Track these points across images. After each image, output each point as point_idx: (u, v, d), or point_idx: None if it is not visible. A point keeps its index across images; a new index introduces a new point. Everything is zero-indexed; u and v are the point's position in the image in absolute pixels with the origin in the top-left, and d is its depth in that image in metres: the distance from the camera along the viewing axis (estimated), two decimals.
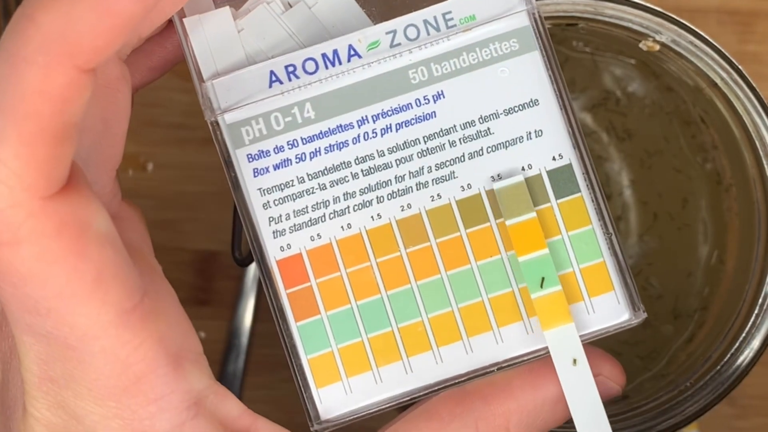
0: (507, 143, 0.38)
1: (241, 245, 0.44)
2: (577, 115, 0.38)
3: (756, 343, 0.43)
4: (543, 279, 0.37)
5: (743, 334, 0.43)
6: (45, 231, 0.31)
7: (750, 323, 0.43)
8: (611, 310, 0.38)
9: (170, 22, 0.38)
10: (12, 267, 0.31)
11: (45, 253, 0.31)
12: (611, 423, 0.42)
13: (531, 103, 0.38)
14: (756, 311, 0.43)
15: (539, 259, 0.37)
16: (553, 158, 0.38)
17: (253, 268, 0.55)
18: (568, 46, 0.48)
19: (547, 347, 0.38)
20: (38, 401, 0.34)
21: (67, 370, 0.34)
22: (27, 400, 0.34)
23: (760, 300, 0.43)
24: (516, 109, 0.38)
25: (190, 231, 0.55)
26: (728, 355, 0.43)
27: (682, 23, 0.42)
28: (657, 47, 0.43)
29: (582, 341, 0.38)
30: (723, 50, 0.42)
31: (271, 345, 0.55)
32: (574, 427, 0.38)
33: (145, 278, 0.34)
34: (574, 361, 0.37)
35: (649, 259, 0.48)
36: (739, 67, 0.42)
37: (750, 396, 0.48)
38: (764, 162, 0.43)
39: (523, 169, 0.38)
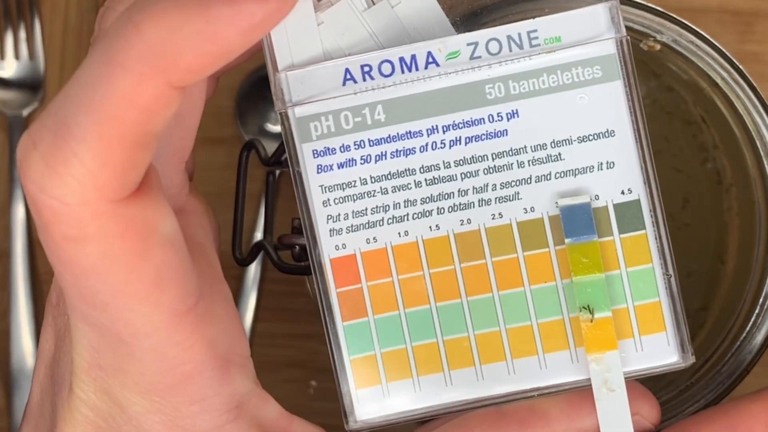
0: (576, 171, 0.37)
1: (242, 245, 0.44)
2: (651, 151, 0.38)
3: (756, 343, 0.43)
4: (593, 304, 0.37)
5: (744, 334, 0.43)
6: (111, 232, 0.32)
7: (750, 323, 0.43)
8: (660, 350, 0.38)
9: None
10: (75, 260, 0.32)
11: (108, 252, 0.32)
12: None
13: (607, 134, 0.37)
14: (756, 311, 0.43)
15: (594, 282, 0.37)
16: (622, 192, 0.37)
17: (253, 268, 0.55)
18: None
19: (589, 379, 0.38)
20: (86, 385, 0.35)
21: (116, 361, 0.34)
22: (74, 382, 0.35)
23: (761, 300, 0.43)
24: (590, 137, 0.37)
25: None
26: (728, 355, 0.43)
27: (683, 23, 0.42)
28: (658, 47, 0.43)
29: (626, 377, 0.38)
30: (724, 50, 0.42)
31: (271, 345, 0.55)
32: None
33: (203, 280, 0.35)
34: (613, 389, 0.37)
35: None
36: (740, 66, 0.42)
37: None
38: (765, 162, 0.43)
39: (590, 199, 0.37)
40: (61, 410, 0.35)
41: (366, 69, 0.37)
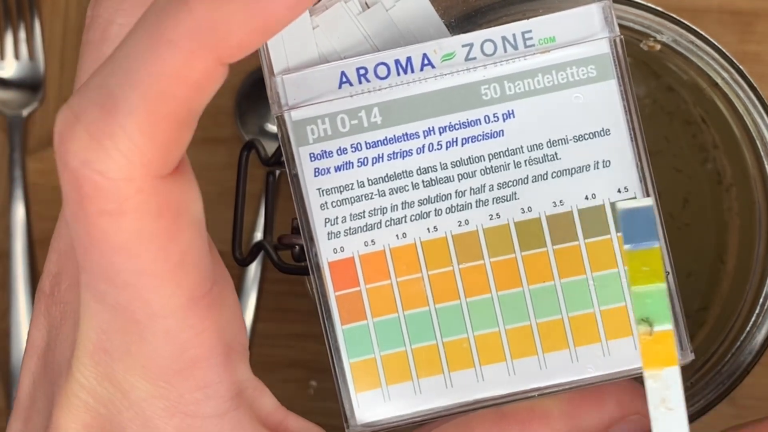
0: (573, 170, 0.37)
1: (242, 245, 0.44)
2: (647, 149, 0.38)
3: (757, 343, 0.43)
4: (652, 316, 0.35)
5: (744, 334, 0.43)
6: (148, 209, 0.31)
7: (751, 323, 0.43)
8: None
9: None
10: (107, 236, 0.32)
11: (142, 229, 0.32)
12: None
13: (602, 133, 0.37)
14: (757, 311, 0.43)
15: (654, 293, 0.35)
16: (618, 190, 0.37)
17: (253, 268, 0.55)
18: None
19: (587, 378, 0.38)
20: (88, 369, 0.35)
21: (124, 343, 0.34)
22: (75, 366, 0.35)
23: (761, 300, 0.43)
24: (586, 136, 0.37)
25: None
26: (729, 355, 0.43)
27: (683, 23, 0.42)
28: (658, 47, 0.43)
29: (628, 376, 0.38)
30: (724, 50, 0.42)
31: (271, 345, 0.55)
32: None
33: (215, 268, 0.35)
34: (671, 407, 0.35)
35: None
36: (740, 66, 0.42)
37: (750, 396, 0.48)
38: (765, 162, 0.43)
39: (586, 198, 0.37)
40: (59, 397, 0.35)
41: (362, 72, 0.37)
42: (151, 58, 0.30)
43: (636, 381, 0.38)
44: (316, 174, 0.38)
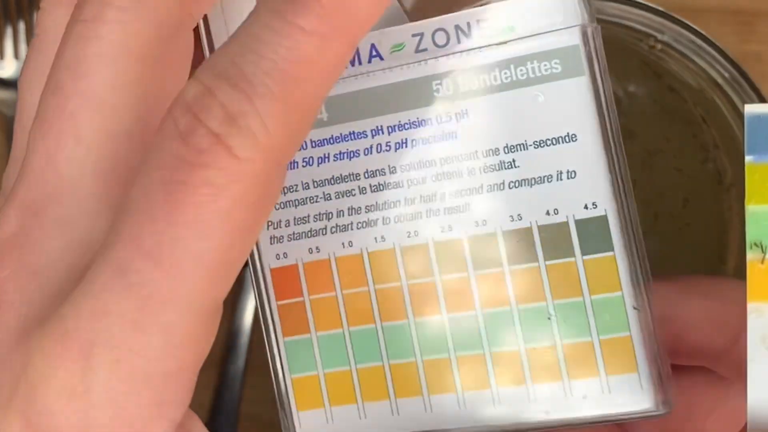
0: (532, 181, 0.32)
1: None
2: (624, 160, 0.32)
3: None
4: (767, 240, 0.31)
5: None
6: (249, 196, 0.29)
7: None
8: (630, 394, 0.32)
9: None
10: (195, 208, 0.29)
11: (231, 215, 0.29)
12: None
13: (567, 138, 0.32)
14: None
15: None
16: (585, 206, 0.32)
17: None
18: None
19: (545, 422, 0.33)
20: (50, 365, 0.31)
21: (111, 332, 0.31)
22: (32, 361, 0.32)
23: None
24: (548, 142, 0.32)
25: None
26: None
27: (684, 23, 0.41)
28: (658, 47, 0.42)
29: (590, 422, 0.33)
30: (725, 50, 0.42)
31: None
32: None
33: None
34: None
35: (650, 259, 0.44)
36: (741, 66, 0.41)
37: None
38: None
39: (547, 213, 0.32)
40: None
41: None
42: (285, 44, 0.29)
43: (617, 426, 0.33)
44: None
